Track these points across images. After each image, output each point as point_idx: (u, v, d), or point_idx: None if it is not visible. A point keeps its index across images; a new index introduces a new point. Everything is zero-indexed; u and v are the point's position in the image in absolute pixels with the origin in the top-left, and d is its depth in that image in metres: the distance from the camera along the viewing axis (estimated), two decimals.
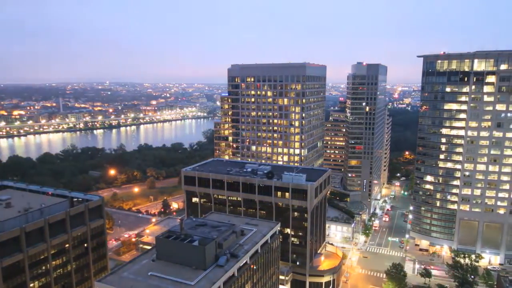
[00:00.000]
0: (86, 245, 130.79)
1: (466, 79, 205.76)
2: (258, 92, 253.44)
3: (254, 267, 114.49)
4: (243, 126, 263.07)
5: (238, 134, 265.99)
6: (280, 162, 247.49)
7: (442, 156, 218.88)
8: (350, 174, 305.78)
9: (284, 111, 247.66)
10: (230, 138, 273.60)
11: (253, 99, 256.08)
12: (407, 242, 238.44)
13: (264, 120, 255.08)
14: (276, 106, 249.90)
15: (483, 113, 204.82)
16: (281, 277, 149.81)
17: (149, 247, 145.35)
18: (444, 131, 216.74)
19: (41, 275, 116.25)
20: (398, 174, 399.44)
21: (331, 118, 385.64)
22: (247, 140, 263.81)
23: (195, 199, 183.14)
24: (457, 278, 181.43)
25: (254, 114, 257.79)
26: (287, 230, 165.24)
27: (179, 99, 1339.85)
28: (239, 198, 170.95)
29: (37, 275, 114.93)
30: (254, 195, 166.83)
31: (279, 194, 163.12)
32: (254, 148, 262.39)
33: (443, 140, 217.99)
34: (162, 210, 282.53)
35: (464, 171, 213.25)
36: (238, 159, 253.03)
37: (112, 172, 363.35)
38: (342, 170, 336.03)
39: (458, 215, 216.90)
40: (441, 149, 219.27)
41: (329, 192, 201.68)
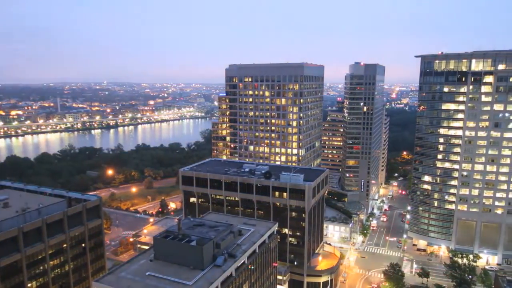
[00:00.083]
0: (83, 245, 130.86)
1: (464, 79, 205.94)
2: (256, 92, 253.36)
3: (252, 267, 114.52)
4: (241, 126, 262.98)
5: (236, 134, 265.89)
6: (277, 162, 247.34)
7: (440, 156, 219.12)
8: (347, 174, 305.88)
9: (282, 111, 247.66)
10: (228, 138, 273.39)
11: (250, 99, 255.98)
12: (405, 242, 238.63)
13: (262, 120, 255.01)
14: (274, 106, 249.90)
15: (481, 113, 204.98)
16: (278, 277, 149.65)
17: (147, 247, 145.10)
18: (441, 131, 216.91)
19: (38, 275, 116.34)
20: (396, 174, 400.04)
21: (329, 118, 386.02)
22: (245, 140, 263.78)
23: (193, 199, 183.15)
24: (455, 278, 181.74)
25: (252, 114, 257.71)
26: (285, 230, 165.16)
27: (177, 99, 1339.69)
28: (237, 198, 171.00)
29: (34, 275, 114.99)
30: (252, 195, 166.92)
31: (277, 194, 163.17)
32: (251, 148, 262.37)
33: (441, 140, 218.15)
34: (160, 210, 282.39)
35: (462, 171, 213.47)
36: (236, 159, 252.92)
37: (110, 172, 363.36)
38: (340, 170, 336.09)
39: (456, 215, 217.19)
40: (439, 149, 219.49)
41: (326, 192, 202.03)
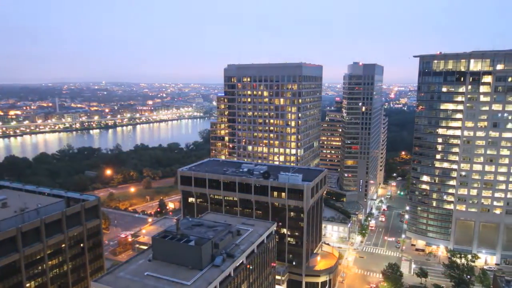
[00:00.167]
0: (82, 245, 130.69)
1: (462, 79, 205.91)
2: (255, 92, 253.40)
3: (250, 267, 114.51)
4: (239, 126, 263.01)
5: (234, 134, 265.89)
6: (276, 162, 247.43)
7: (438, 156, 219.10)
8: (346, 174, 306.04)
9: (280, 111, 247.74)
10: (227, 138, 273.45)
11: (249, 99, 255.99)
12: (403, 242, 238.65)
13: (260, 120, 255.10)
14: (272, 106, 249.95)
15: (479, 113, 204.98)
16: (277, 277, 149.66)
17: (145, 247, 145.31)
18: (440, 131, 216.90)
19: (37, 275, 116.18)
20: (394, 174, 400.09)
21: (327, 118, 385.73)
22: (243, 140, 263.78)
23: (191, 199, 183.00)
24: (453, 278, 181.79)
25: (250, 114, 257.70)
26: (284, 230, 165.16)
27: (176, 99, 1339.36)
28: (235, 198, 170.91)
29: (33, 275, 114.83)
30: (250, 195, 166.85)
31: (275, 194, 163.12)
32: (250, 148, 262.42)
33: (439, 140, 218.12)
34: (158, 210, 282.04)
35: (460, 171, 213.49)
36: (235, 159, 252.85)
37: (108, 172, 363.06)
38: (338, 170, 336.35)
39: (454, 215, 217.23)
40: (437, 149, 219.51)
41: (325, 192, 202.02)
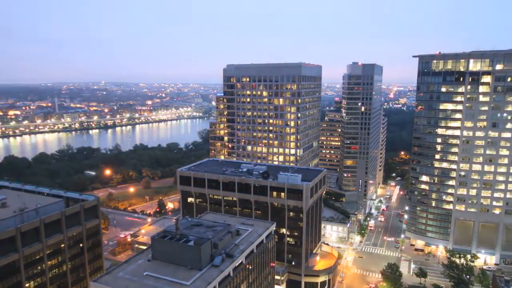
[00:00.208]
0: (81, 245, 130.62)
1: (461, 79, 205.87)
2: (254, 92, 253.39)
3: (250, 267, 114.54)
4: (239, 126, 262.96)
5: (234, 134, 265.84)
6: (275, 162, 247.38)
7: (437, 156, 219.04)
8: (345, 174, 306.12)
9: (279, 111, 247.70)
10: (226, 138, 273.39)
11: (248, 99, 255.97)
12: (403, 242, 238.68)
13: (259, 120, 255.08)
14: (271, 106, 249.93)
15: (479, 113, 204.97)
16: (276, 277, 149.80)
17: (144, 247, 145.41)
18: (439, 131, 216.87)
19: (36, 275, 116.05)
20: (394, 174, 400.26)
21: (327, 118, 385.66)
22: (243, 140, 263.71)
23: (191, 199, 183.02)
24: (452, 278, 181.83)
25: (249, 114, 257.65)
26: (283, 230, 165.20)
27: (175, 99, 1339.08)
28: (235, 198, 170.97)
29: (32, 275, 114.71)
30: (250, 195, 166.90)
31: (275, 194, 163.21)
32: (249, 148, 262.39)
33: (439, 140, 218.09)
34: (157, 210, 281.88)
35: (459, 171, 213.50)
36: (234, 159, 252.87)
37: (107, 172, 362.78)
38: (338, 170, 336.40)
39: (453, 215, 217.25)
40: (436, 149, 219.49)
41: (324, 192, 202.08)
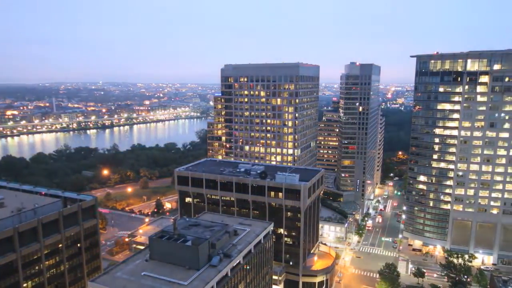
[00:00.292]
0: (79, 245, 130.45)
1: (459, 79, 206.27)
2: (251, 92, 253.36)
3: (247, 267, 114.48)
4: (236, 126, 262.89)
5: (231, 134, 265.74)
6: (273, 162, 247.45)
7: (435, 156, 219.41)
8: (343, 174, 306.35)
9: (277, 111, 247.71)
10: (223, 138, 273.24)
11: (246, 99, 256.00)
12: (400, 242, 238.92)
13: (257, 120, 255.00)
14: (269, 106, 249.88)
15: (476, 113, 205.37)
16: (274, 277, 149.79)
17: (142, 247, 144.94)
18: (437, 131, 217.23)
19: (34, 275, 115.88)
20: (391, 174, 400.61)
21: (325, 118, 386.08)
22: (240, 140, 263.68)
23: (188, 199, 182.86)
24: (450, 278, 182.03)
25: (247, 114, 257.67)
26: (281, 230, 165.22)
27: (172, 99, 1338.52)
28: (232, 198, 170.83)
29: (30, 275, 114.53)
30: (247, 195, 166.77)
31: (272, 194, 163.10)
32: (247, 148, 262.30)
33: (436, 140, 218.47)
34: (155, 210, 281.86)
35: (457, 171, 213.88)
36: (231, 159, 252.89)
37: (105, 172, 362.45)
38: (336, 170, 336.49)
39: (451, 215, 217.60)
40: (434, 149, 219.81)
41: (322, 192, 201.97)
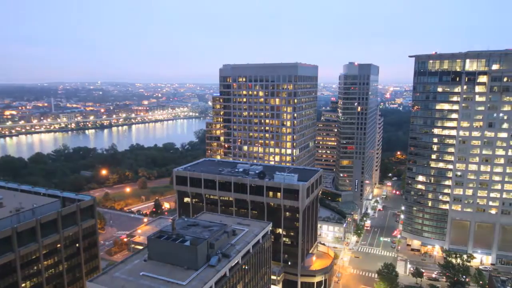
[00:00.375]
0: (77, 245, 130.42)
1: (458, 79, 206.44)
2: (250, 92, 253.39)
3: (246, 267, 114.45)
4: (235, 126, 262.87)
5: (230, 134, 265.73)
6: (272, 162, 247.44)
7: (433, 156, 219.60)
8: (341, 174, 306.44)
9: (275, 111, 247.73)
10: (222, 138, 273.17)
11: (244, 99, 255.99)
12: (399, 242, 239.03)
13: (256, 120, 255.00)
14: (268, 106, 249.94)
15: (475, 113, 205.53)
16: (272, 277, 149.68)
17: (140, 247, 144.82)
18: (435, 131, 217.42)
19: (32, 275, 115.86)
20: (390, 174, 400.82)
21: (323, 118, 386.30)
22: (239, 140, 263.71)
23: (187, 199, 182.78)
24: (448, 278, 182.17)
25: (246, 114, 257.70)
26: (279, 230, 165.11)
27: (171, 99, 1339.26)
28: (231, 198, 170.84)
29: (28, 275, 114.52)
30: (246, 195, 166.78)
31: (271, 194, 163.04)
32: (245, 148, 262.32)
33: (435, 140, 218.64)
34: (154, 210, 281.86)
35: (456, 171, 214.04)
36: (230, 159, 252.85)
37: (103, 172, 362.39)
38: (334, 170, 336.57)
39: (449, 215, 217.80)
40: (432, 149, 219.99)
41: (320, 192, 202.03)
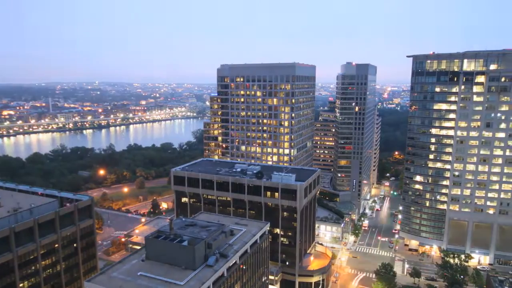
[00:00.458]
0: (75, 245, 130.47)
1: (455, 79, 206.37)
2: (248, 92, 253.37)
3: (244, 267, 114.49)
4: (233, 126, 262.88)
5: (228, 134, 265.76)
6: (269, 162, 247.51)
7: (431, 156, 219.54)
8: (339, 174, 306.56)
9: (273, 111, 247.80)
10: (220, 138, 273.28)
11: (242, 99, 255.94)
12: (397, 242, 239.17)
13: (253, 120, 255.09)
14: (265, 106, 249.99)
15: (473, 113, 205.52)
16: (270, 277, 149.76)
17: (138, 247, 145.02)
18: (433, 131, 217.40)
19: (30, 275, 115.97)
20: (388, 174, 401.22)
21: (321, 118, 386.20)
22: (237, 140, 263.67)
23: (185, 199, 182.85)
24: (446, 278, 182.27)
25: (243, 114, 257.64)
26: (277, 230, 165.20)
27: (169, 99, 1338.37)
28: (229, 198, 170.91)
29: (26, 275, 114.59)
30: (244, 195, 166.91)
31: (269, 194, 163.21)
32: (243, 148, 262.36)
33: (433, 140, 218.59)
34: (151, 210, 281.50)
35: (453, 171, 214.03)
36: (228, 159, 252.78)
37: (101, 172, 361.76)
38: (332, 170, 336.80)
39: (447, 215, 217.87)
40: (430, 149, 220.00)
41: (318, 192, 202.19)
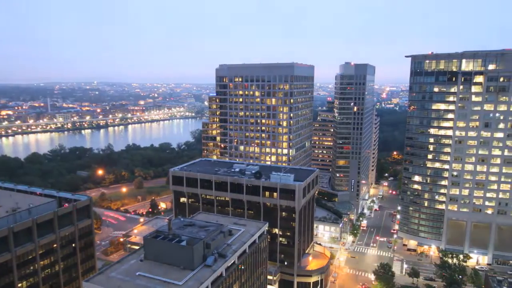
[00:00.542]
0: (74, 245, 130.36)
1: (454, 79, 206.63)
2: (246, 92, 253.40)
3: (242, 267, 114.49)
4: (231, 126, 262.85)
5: (226, 134, 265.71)
6: (268, 162, 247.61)
7: (430, 156, 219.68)
8: (338, 174, 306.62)
9: (272, 111, 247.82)
10: (218, 138, 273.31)
11: (241, 99, 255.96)
12: (395, 242, 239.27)
13: (252, 120, 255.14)
14: (264, 106, 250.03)
15: (471, 113, 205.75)
16: (269, 277, 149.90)
17: (137, 247, 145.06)
18: (432, 131, 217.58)
19: (29, 275, 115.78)
20: (386, 174, 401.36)
21: (319, 118, 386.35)
22: (235, 140, 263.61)
23: (183, 199, 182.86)
24: (445, 278, 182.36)
25: (242, 114, 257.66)
26: (275, 230, 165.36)
27: (167, 99, 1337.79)
28: (227, 198, 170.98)
29: (25, 275, 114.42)
30: (242, 195, 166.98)
31: (267, 194, 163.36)
32: (242, 148, 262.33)
33: (431, 140, 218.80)
34: (150, 210, 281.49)
35: (452, 171, 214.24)
36: (226, 159, 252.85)
37: (100, 172, 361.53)
38: (330, 170, 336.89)
39: (446, 215, 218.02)
40: (429, 149, 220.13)
41: (317, 192, 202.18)
